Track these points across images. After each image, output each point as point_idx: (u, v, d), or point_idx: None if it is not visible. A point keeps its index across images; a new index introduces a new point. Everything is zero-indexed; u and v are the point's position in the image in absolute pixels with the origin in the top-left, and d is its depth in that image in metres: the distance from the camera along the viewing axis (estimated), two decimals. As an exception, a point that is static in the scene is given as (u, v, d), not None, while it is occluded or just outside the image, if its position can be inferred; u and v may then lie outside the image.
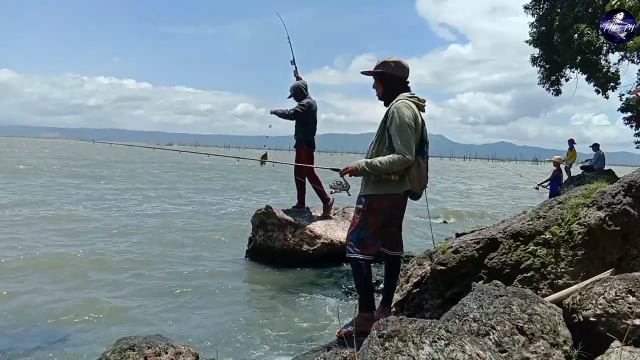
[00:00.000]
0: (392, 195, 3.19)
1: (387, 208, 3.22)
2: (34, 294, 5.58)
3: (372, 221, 3.21)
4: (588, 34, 13.40)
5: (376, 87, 3.42)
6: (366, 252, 3.24)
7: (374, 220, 3.21)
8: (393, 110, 3.14)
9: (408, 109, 3.14)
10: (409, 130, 3.07)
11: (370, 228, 3.21)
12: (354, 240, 3.26)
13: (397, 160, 3.06)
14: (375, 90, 3.43)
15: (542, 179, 13.57)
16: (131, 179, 22.56)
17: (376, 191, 3.20)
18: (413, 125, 3.11)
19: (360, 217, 3.25)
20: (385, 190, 3.18)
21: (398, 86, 3.33)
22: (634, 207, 3.11)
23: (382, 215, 3.22)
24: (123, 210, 12.38)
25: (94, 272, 6.54)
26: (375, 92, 3.45)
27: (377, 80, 3.40)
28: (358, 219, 3.26)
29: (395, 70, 3.32)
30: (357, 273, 3.31)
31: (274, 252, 7.15)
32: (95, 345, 4.14)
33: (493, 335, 2.30)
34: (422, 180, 3.27)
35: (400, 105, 3.15)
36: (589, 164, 15.81)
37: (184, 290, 5.93)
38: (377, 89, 3.42)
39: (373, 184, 3.21)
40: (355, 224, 3.29)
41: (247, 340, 4.48)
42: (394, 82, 3.33)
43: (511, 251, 3.30)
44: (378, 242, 3.29)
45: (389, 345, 2.03)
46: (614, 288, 2.44)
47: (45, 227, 9.51)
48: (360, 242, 3.23)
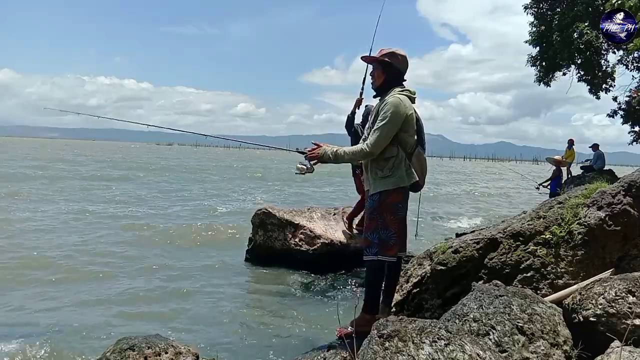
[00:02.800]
0: (403, 188, 3.11)
1: (400, 203, 3.12)
2: (33, 292, 5.59)
3: (390, 219, 3.09)
4: (587, 33, 13.38)
5: (375, 76, 3.27)
6: (388, 253, 3.11)
7: (391, 217, 3.09)
8: (388, 105, 3.06)
9: (402, 106, 3.06)
10: (391, 129, 3.02)
11: (391, 226, 3.09)
12: (374, 242, 3.11)
13: (359, 152, 3.05)
14: (372, 78, 3.29)
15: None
16: (124, 179, 22.57)
17: (387, 186, 3.09)
18: (401, 123, 3.05)
19: (376, 217, 3.12)
20: (396, 184, 3.08)
21: (396, 80, 3.24)
22: (634, 207, 3.11)
23: (399, 212, 3.12)
24: (122, 208, 12.38)
25: (93, 273, 6.54)
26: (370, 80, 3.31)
27: (379, 69, 3.24)
28: (374, 219, 3.14)
29: (400, 64, 3.24)
30: (372, 275, 3.22)
31: (274, 252, 7.14)
32: (95, 345, 4.14)
33: (493, 335, 2.31)
34: (423, 170, 3.24)
35: (395, 101, 3.06)
36: (589, 164, 15.81)
37: (183, 290, 5.92)
38: (375, 78, 3.27)
39: (382, 180, 3.11)
40: (372, 225, 3.15)
41: (247, 340, 4.48)
42: (395, 75, 3.23)
43: (511, 251, 3.30)
44: (399, 243, 3.18)
45: (389, 345, 2.03)
46: (614, 288, 2.44)
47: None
48: (383, 243, 3.09)
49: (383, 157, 3.12)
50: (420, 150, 3.21)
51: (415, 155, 3.16)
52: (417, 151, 3.18)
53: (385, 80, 3.23)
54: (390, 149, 3.10)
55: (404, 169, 3.10)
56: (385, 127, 3.02)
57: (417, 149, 3.18)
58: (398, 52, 3.23)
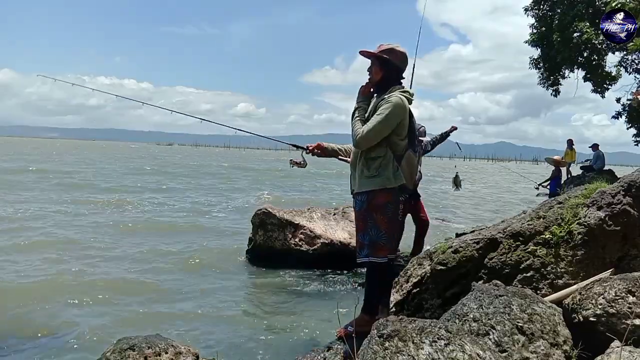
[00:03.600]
0: (389, 189, 3.06)
1: (389, 204, 3.09)
2: (30, 291, 5.59)
3: (380, 218, 3.07)
4: (587, 32, 13.38)
5: (372, 72, 3.21)
6: (379, 254, 3.09)
7: (380, 217, 3.07)
8: (389, 103, 3.03)
9: (401, 108, 3.04)
10: (385, 126, 3.00)
11: (381, 226, 3.07)
12: (365, 243, 3.12)
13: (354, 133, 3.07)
14: (370, 74, 3.24)
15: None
16: (121, 176, 22.57)
17: (372, 186, 3.07)
18: (396, 125, 3.03)
19: (366, 217, 3.11)
20: (382, 185, 3.05)
21: (395, 78, 3.19)
22: (634, 207, 3.11)
23: (388, 212, 3.09)
24: (124, 209, 12.39)
25: (91, 271, 6.54)
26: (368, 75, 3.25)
27: (376, 65, 3.19)
28: (364, 220, 3.12)
29: (399, 61, 3.19)
30: (370, 276, 3.22)
31: (274, 252, 7.15)
32: (95, 345, 4.14)
33: (493, 335, 2.31)
34: (413, 174, 3.18)
35: (397, 101, 3.03)
36: (589, 164, 15.82)
37: (183, 290, 5.93)
38: (372, 74, 3.22)
39: (367, 179, 3.09)
40: (362, 226, 3.14)
41: (247, 340, 4.48)
42: (394, 72, 3.19)
43: (511, 251, 3.30)
44: (390, 243, 3.16)
45: (389, 345, 2.03)
46: (614, 288, 2.44)
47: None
48: (373, 244, 3.09)
49: (371, 156, 3.09)
50: (411, 153, 3.14)
51: (406, 158, 3.10)
52: (408, 154, 3.11)
53: (383, 77, 3.18)
54: (379, 149, 3.06)
55: (391, 171, 3.05)
56: (379, 124, 3.00)
57: (408, 151, 3.12)
58: (398, 49, 3.17)
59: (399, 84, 3.22)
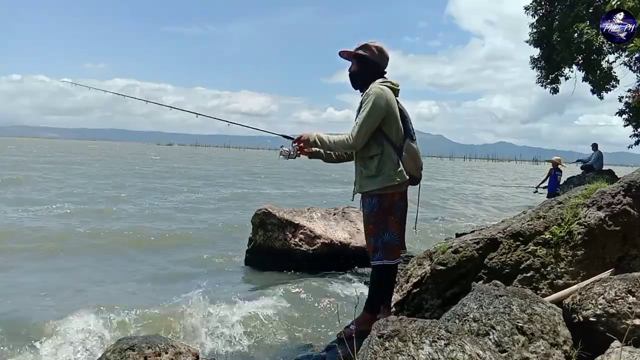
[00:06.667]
0: (397, 186, 3.05)
1: (400, 202, 3.10)
2: (29, 290, 5.59)
3: (392, 220, 3.07)
4: (587, 33, 13.38)
5: (351, 70, 3.25)
6: (393, 256, 3.10)
7: (392, 218, 3.07)
8: (369, 96, 3.02)
9: (383, 97, 3.00)
10: (373, 120, 2.98)
11: (392, 228, 3.07)
12: (379, 246, 3.09)
13: (343, 142, 3.03)
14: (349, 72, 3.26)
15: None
16: (113, 176, 22.57)
17: (374, 186, 3.05)
18: (384, 114, 3.00)
19: (378, 221, 3.08)
20: (383, 183, 3.03)
21: (375, 74, 3.17)
22: (634, 207, 3.11)
23: (397, 212, 3.09)
24: (121, 208, 12.38)
25: (90, 271, 6.55)
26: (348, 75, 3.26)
27: (355, 64, 3.21)
28: (376, 223, 3.09)
29: (377, 56, 3.17)
30: (379, 278, 3.21)
31: (274, 252, 7.14)
32: (95, 345, 4.14)
33: (493, 335, 2.30)
34: (417, 162, 3.16)
35: (377, 91, 3.02)
36: (588, 164, 15.82)
37: (182, 290, 5.92)
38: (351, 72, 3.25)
39: (368, 179, 3.07)
40: (374, 229, 3.11)
41: (247, 340, 4.48)
42: (371, 68, 3.17)
43: (511, 251, 3.30)
44: (401, 243, 3.17)
45: (389, 345, 2.03)
46: (614, 288, 2.44)
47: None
48: (387, 247, 3.07)
49: (368, 155, 3.07)
50: (410, 143, 3.12)
51: (405, 148, 3.09)
52: (407, 143, 3.10)
53: (361, 74, 3.18)
54: (375, 147, 3.04)
55: (392, 168, 3.03)
56: (367, 119, 2.98)
57: (407, 141, 3.11)
58: (372, 45, 3.17)
59: (382, 77, 3.19)
